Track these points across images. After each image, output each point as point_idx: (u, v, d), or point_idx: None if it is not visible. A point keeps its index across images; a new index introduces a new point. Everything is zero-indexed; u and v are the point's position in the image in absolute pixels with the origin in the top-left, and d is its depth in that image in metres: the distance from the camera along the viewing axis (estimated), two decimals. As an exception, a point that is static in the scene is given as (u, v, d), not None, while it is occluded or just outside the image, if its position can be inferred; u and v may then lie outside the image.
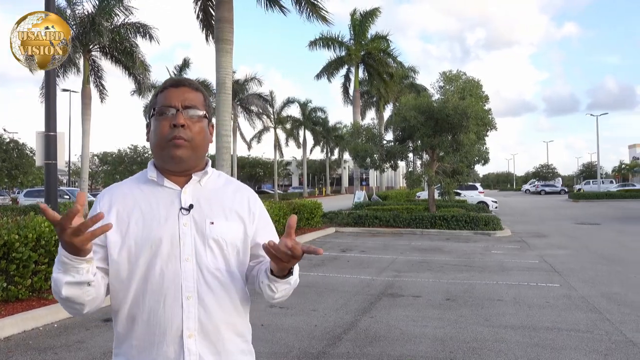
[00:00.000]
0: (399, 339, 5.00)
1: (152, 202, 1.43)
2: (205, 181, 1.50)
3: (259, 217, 1.54)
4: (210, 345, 1.39)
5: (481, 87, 18.47)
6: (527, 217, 23.17)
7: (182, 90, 1.46)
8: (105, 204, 1.44)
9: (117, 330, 1.44)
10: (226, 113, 13.66)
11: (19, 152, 17.90)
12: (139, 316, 1.38)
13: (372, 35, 27.89)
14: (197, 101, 1.46)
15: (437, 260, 10.14)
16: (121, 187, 1.50)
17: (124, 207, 1.43)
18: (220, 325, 1.41)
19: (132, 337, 1.39)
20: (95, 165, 55.71)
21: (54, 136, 8.33)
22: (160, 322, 1.36)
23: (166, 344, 1.36)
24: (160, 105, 1.44)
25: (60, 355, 4.51)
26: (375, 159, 19.01)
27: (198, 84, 1.54)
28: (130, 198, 1.45)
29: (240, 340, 1.49)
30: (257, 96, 39.23)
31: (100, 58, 22.12)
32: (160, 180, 1.47)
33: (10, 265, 5.54)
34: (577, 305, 6.41)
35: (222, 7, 13.45)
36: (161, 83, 1.58)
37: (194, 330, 1.37)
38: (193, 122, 1.44)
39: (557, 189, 60.78)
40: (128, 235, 1.39)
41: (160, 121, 1.43)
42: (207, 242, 1.41)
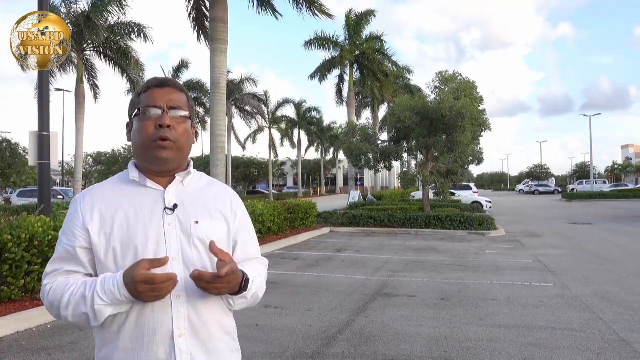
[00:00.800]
0: (394, 339, 5.01)
1: (135, 203, 1.42)
2: (188, 181, 1.50)
3: (240, 217, 1.55)
4: (201, 344, 1.39)
5: (476, 88, 18.52)
6: (521, 217, 23.27)
7: (167, 90, 1.45)
8: (87, 205, 1.42)
9: (101, 334, 1.40)
10: (221, 113, 13.63)
11: (12, 151, 17.77)
12: (127, 317, 1.35)
13: (367, 35, 27.94)
14: (181, 102, 1.46)
15: (432, 260, 10.16)
16: (102, 188, 1.48)
17: (107, 209, 1.41)
18: (209, 323, 1.41)
19: (119, 339, 1.36)
20: (89, 165, 55.49)
21: (47, 136, 8.28)
22: (149, 322, 1.35)
23: (156, 344, 1.34)
24: (145, 105, 1.43)
25: (54, 356, 4.49)
26: (370, 159, 19.03)
27: (181, 84, 1.53)
28: (113, 199, 1.43)
29: (229, 339, 1.49)
30: (252, 96, 39.18)
31: (94, 57, 22.05)
32: (142, 180, 1.46)
33: (3, 265, 5.50)
34: (571, 304, 6.44)
35: (217, 6, 13.41)
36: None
37: (184, 329, 1.36)
38: (178, 123, 1.43)
39: (551, 189, 61.05)
40: (113, 237, 1.38)
41: (145, 121, 1.41)
42: (192, 242, 1.41)
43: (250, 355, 4.37)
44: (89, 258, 1.40)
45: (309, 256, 10.80)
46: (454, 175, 18.60)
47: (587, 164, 65.41)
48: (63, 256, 1.41)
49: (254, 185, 64.95)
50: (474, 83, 18.45)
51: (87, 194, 1.47)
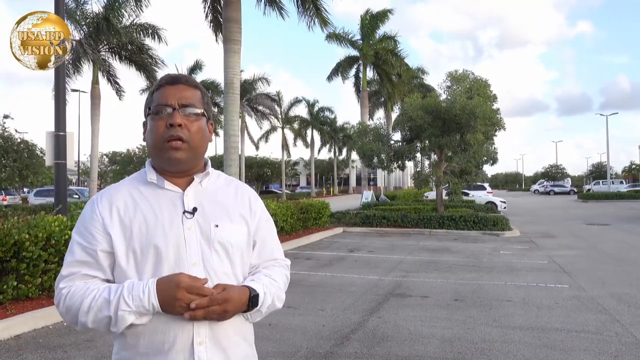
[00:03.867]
0: (407, 339, 4.99)
1: (154, 205, 1.39)
2: (207, 182, 1.47)
3: (259, 216, 1.52)
4: (221, 352, 1.36)
5: (489, 86, 18.38)
6: (536, 217, 23.03)
7: (179, 87, 1.41)
8: (105, 206, 1.38)
9: (120, 338, 1.37)
10: (234, 113, 13.70)
11: (29, 152, 18.04)
12: (147, 323, 1.31)
13: (380, 35, 27.88)
14: (194, 99, 1.42)
15: (445, 261, 10.10)
16: (119, 189, 1.44)
17: (126, 212, 1.37)
18: (229, 330, 1.38)
19: (139, 345, 1.33)
20: (104, 164, 56.00)
21: (64, 136, 8.40)
22: (170, 329, 1.31)
23: (175, 352, 1.31)
24: (156, 104, 1.39)
25: (70, 353, 4.55)
26: (383, 159, 18.97)
27: (196, 80, 1.50)
28: (131, 201, 1.39)
29: (247, 345, 1.46)
30: (265, 96, 39.31)
31: (111, 58, 22.27)
32: (160, 182, 1.42)
33: (21, 264, 5.58)
34: (587, 306, 6.37)
35: (230, 7, 13.49)
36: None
37: (204, 337, 1.33)
38: (190, 121, 1.39)
39: (567, 190, 60.35)
40: (132, 241, 1.34)
41: (156, 120, 1.38)
42: (212, 246, 1.38)
43: (263, 355, 4.39)
44: (109, 262, 1.37)
45: (321, 256, 10.80)
46: (467, 175, 18.49)
47: (604, 163, 64.58)
48: (81, 259, 1.36)
49: (267, 185, 65.07)
50: (487, 81, 18.31)
51: (104, 194, 1.43)
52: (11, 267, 5.56)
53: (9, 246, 5.43)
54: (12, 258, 5.55)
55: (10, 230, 5.51)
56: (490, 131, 17.61)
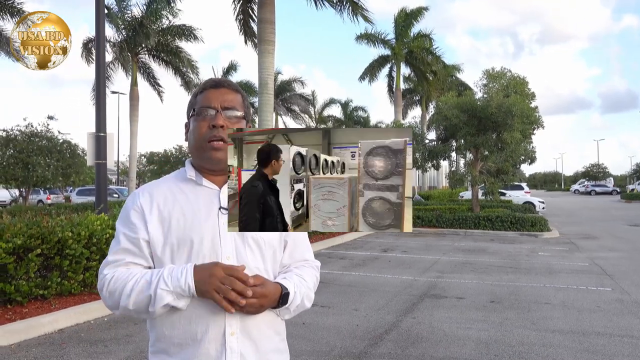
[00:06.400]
0: (442, 341, 4.93)
1: (192, 200, 1.45)
2: None
3: None
4: (252, 344, 1.40)
5: (527, 84, 17.97)
6: (576, 218, 22.38)
7: (221, 91, 1.47)
8: (146, 200, 1.45)
9: (155, 328, 1.43)
10: (268, 113, 13.84)
11: (71, 152, 18.74)
12: (181, 314, 1.37)
13: (415, 33, 27.60)
14: (236, 102, 1.48)
15: (481, 262, 9.93)
16: (160, 185, 1.51)
17: (165, 205, 1.44)
18: (261, 323, 1.42)
19: (173, 335, 1.39)
20: (142, 164, 57.32)
21: (104, 137, 8.65)
22: (203, 319, 1.37)
23: (208, 341, 1.36)
24: (200, 106, 1.46)
25: (110, 347, 4.68)
26: (417, 158, 18.80)
27: (237, 85, 1.55)
28: (170, 196, 1.46)
29: (279, 339, 1.50)
30: (299, 96, 39.47)
31: (150, 60, 22.81)
32: (198, 179, 1.48)
33: (64, 261, 5.78)
34: (630, 310, 6.15)
35: (264, 8, 13.62)
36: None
37: (236, 328, 1.37)
38: (232, 123, 1.46)
39: (609, 189, 58.41)
40: (170, 233, 1.41)
41: (199, 122, 1.44)
42: (246, 241, 1.43)
43: (297, 353, 4.41)
44: (150, 251, 1.43)
45: (355, 255, 10.78)
46: (504, 175, 18.13)
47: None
48: (126, 247, 1.43)
49: (301, 185, 65.33)
50: (525, 79, 17.91)
51: (146, 189, 1.50)
52: (55, 263, 5.76)
53: (53, 243, 5.63)
54: (56, 255, 5.75)
55: (54, 228, 5.71)
56: (528, 129, 17.23)
